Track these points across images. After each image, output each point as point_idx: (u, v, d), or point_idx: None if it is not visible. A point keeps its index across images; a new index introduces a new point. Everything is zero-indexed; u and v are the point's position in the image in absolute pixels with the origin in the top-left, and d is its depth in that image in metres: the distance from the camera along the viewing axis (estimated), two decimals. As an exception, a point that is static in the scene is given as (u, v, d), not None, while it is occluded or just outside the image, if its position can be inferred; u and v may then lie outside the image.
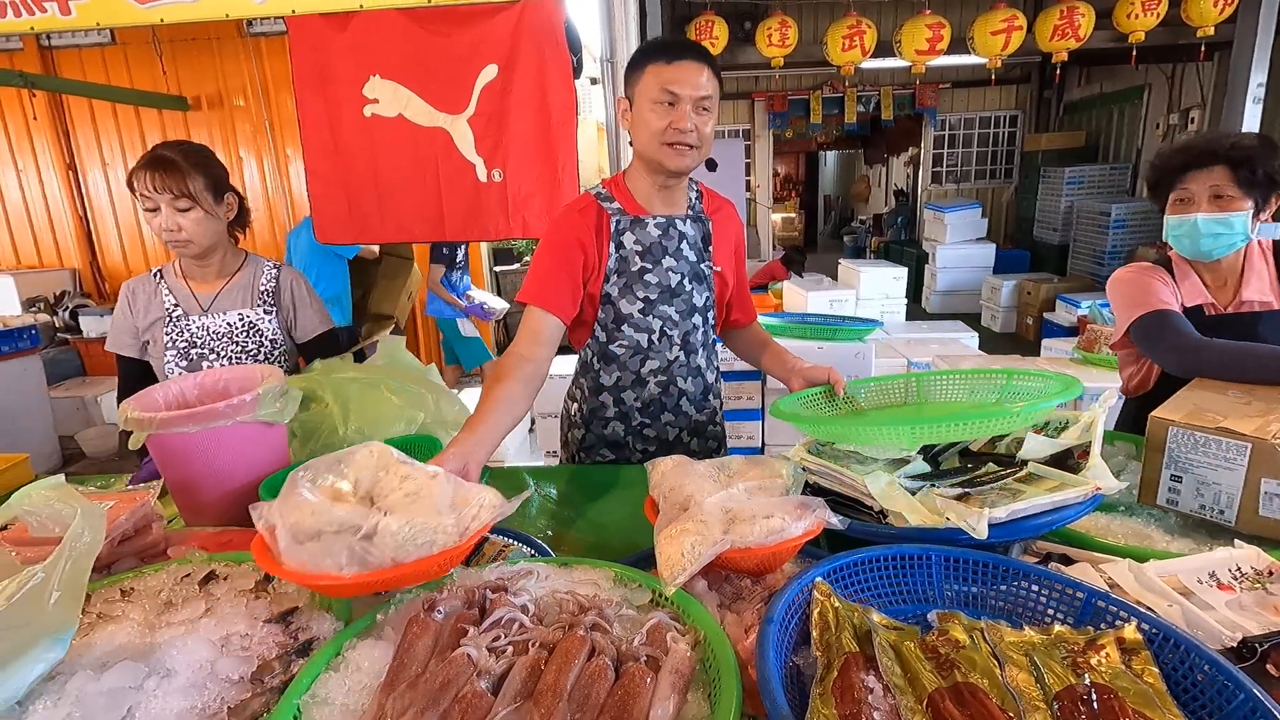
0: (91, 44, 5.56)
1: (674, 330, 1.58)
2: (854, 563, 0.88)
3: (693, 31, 5.40)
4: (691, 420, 1.67)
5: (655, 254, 1.53)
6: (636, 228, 1.52)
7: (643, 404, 1.63)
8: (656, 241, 1.53)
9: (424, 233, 2.76)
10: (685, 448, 1.67)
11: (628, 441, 1.66)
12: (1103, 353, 3.31)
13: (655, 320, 1.56)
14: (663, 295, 1.54)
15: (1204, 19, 4.51)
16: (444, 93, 2.59)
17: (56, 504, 0.96)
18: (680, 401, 1.64)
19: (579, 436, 1.68)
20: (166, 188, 1.61)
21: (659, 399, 1.63)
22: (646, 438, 1.66)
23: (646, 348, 1.58)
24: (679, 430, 1.67)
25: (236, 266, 1.82)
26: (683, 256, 1.55)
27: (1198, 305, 1.61)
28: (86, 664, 0.79)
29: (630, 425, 1.64)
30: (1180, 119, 6.58)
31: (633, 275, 1.52)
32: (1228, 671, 0.67)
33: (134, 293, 1.77)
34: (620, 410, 1.64)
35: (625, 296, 1.53)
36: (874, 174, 14.36)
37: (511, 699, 0.68)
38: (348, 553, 0.79)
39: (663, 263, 1.53)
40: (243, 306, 1.78)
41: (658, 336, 1.57)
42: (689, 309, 1.58)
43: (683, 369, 1.62)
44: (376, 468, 0.93)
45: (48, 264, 6.05)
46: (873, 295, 5.93)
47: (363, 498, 0.91)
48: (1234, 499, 1.08)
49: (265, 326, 1.78)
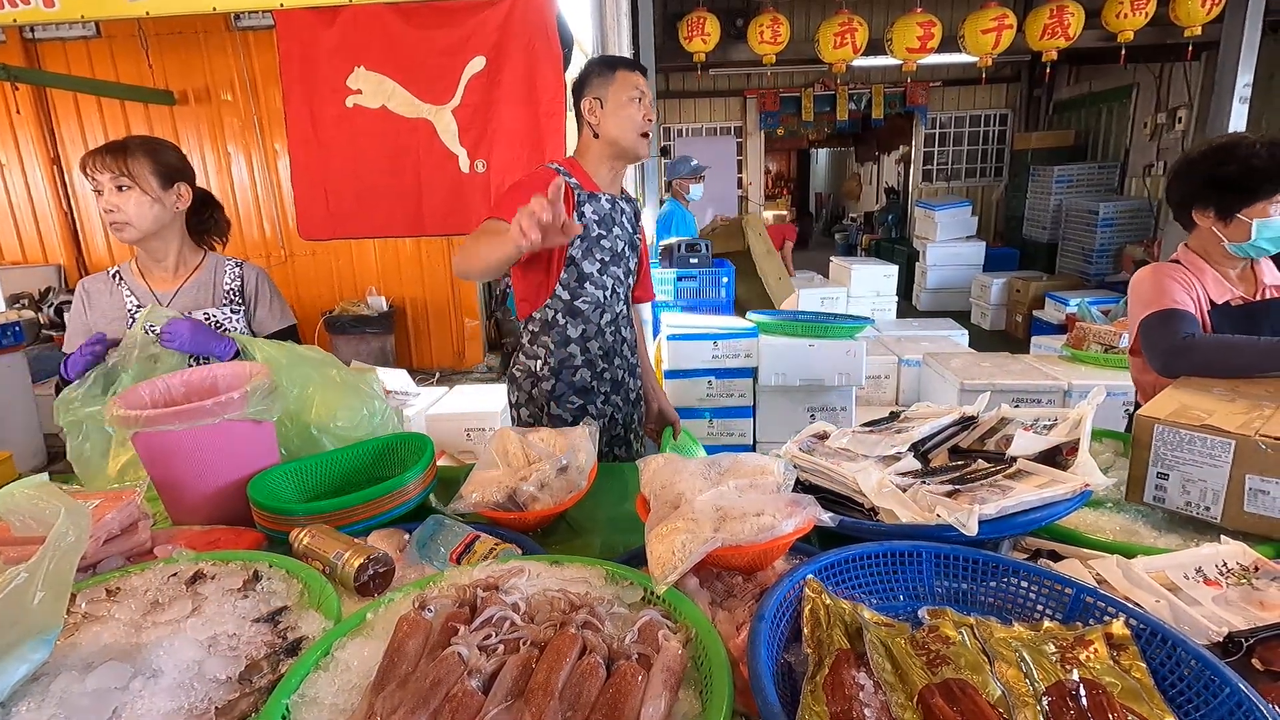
0: (76, 37, 5.49)
1: (620, 288, 1.90)
2: (845, 559, 0.88)
3: (684, 28, 5.39)
4: (628, 362, 1.99)
5: (607, 224, 1.82)
6: (593, 201, 1.79)
7: (604, 350, 1.90)
8: (608, 214, 1.82)
9: (403, 227, 2.73)
10: (627, 386, 1.98)
11: (593, 386, 1.90)
12: (1091, 350, 3.34)
13: (608, 279, 1.85)
14: (614, 259, 1.85)
15: (1191, 19, 4.55)
16: (429, 83, 2.56)
17: (40, 503, 0.95)
18: (623, 348, 1.95)
19: (548, 389, 1.88)
20: (107, 167, 1.61)
21: (613, 345, 1.91)
22: (604, 379, 1.92)
23: (604, 302, 1.86)
24: (623, 372, 1.96)
25: (195, 264, 1.79)
26: (624, 228, 1.89)
27: (1225, 301, 1.62)
28: (71, 665, 0.78)
29: (595, 370, 1.90)
30: (1168, 118, 6.64)
31: (593, 240, 1.80)
32: (1214, 666, 0.67)
33: (90, 292, 1.74)
34: (586, 357, 1.88)
35: (587, 258, 1.80)
36: (865, 172, 14.41)
37: (503, 698, 0.68)
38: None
39: (612, 231, 1.84)
40: (208, 305, 1.75)
41: (609, 293, 1.86)
42: (627, 271, 1.92)
43: (624, 320, 1.95)
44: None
45: (32, 260, 5.98)
46: (864, 293, 5.96)
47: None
48: (1219, 495, 1.09)
49: (231, 325, 1.76)
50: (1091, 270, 6.93)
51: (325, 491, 1.36)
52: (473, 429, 2.80)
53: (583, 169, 1.81)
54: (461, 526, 1.14)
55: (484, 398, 2.95)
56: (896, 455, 1.20)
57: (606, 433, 1.94)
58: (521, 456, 1.35)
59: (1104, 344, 3.33)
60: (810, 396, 3.21)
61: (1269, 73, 5.19)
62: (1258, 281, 1.65)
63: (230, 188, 5.88)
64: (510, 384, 1.97)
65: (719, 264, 3.98)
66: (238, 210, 5.94)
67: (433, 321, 6.23)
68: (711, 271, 3.89)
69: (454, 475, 1.48)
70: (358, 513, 1.18)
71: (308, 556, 1.04)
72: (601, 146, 1.78)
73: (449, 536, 1.11)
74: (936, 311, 7.49)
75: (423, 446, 1.36)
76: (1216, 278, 1.64)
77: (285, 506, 1.18)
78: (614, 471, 1.56)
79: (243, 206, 5.93)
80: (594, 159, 1.81)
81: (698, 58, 5.53)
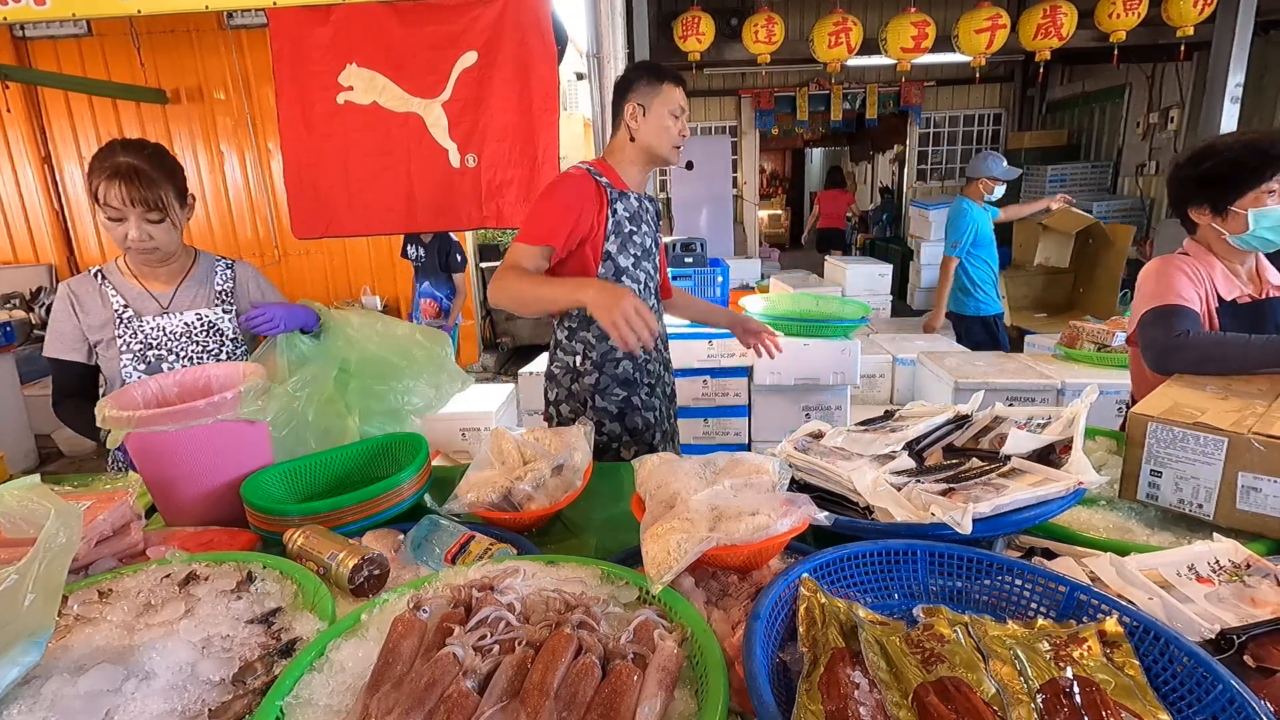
0: (67, 35, 5.45)
1: (651, 282, 1.96)
2: (840, 558, 0.89)
3: (679, 28, 5.39)
4: (663, 357, 2.06)
5: (637, 220, 1.88)
6: (623, 199, 1.85)
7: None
8: (636, 211, 1.88)
9: (393, 224, 2.72)
10: (663, 383, 2.04)
11: (635, 377, 1.93)
12: (1084, 349, 3.35)
13: (641, 273, 1.90)
14: (644, 254, 1.91)
15: (1183, 19, 4.57)
16: (419, 77, 2.54)
17: (31, 504, 0.94)
18: (658, 342, 2.00)
19: (590, 383, 1.90)
20: (140, 200, 1.54)
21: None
22: (648, 371, 1.96)
23: (639, 295, 1.87)
24: (659, 366, 2.01)
25: (190, 263, 1.76)
26: (651, 225, 1.96)
27: (1234, 299, 1.63)
28: (63, 667, 0.77)
29: (636, 362, 1.93)
30: (1160, 118, 6.67)
31: (626, 236, 1.85)
32: (1206, 663, 0.68)
33: (77, 294, 1.69)
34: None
35: (622, 253, 1.85)
36: (859, 171, 14.43)
37: (498, 698, 0.68)
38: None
39: (641, 228, 1.89)
40: (201, 306, 1.73)
41: (642, 287, 1.91)
42: (654, 267, 1.98)
43: (657, 313, 2.01)
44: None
45: (23, 259, 5.94)
46: (858, 292, 5.97)
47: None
48: (1212, 493, 1.10)
49: (225, 326, 1.74)
50: (1084, 269, 6.97)
51: (319, 492, 1.35)
52: (468, 429, 2.79)
53: (613, 168, 1.86)
54: (456, 527, 1.14)
55: (480, 398, 2.94)
56: (891, 454, 1.21)
57: (655, 428, 1.96)
58: (517, 456, 1.35)
59: (1097, 343, 3.34)
60: (805, 395, 3.21)
61: (1260, 73, 5.21)
62: (1263, 281, 1.67)
63: (223, 187, 5.85)
64: (549, 381, 1.99)
65: (714, 263, 3.98)
66: (231, 210, 5.91)
67: (427, 321, 6.22)
68: (708, 271, 3.89)
69: (449, 475, 1.48)
70: (352, 513, 1.18)
71: (302, 557, 1.03)
72: (637, 150, 1.84)
73: (444, 537, 1.11)
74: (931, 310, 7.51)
75: (417, 446, 1.36)
76: (1226, 273, 1.65)
77: (279, 507, 1.18)
78: (609, 471, 1.56)
79: (236, 206, 5.91)
80: (626, 159, 1.86)
81: (692, 57, 5.53)
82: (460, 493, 1.23)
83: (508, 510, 1.22)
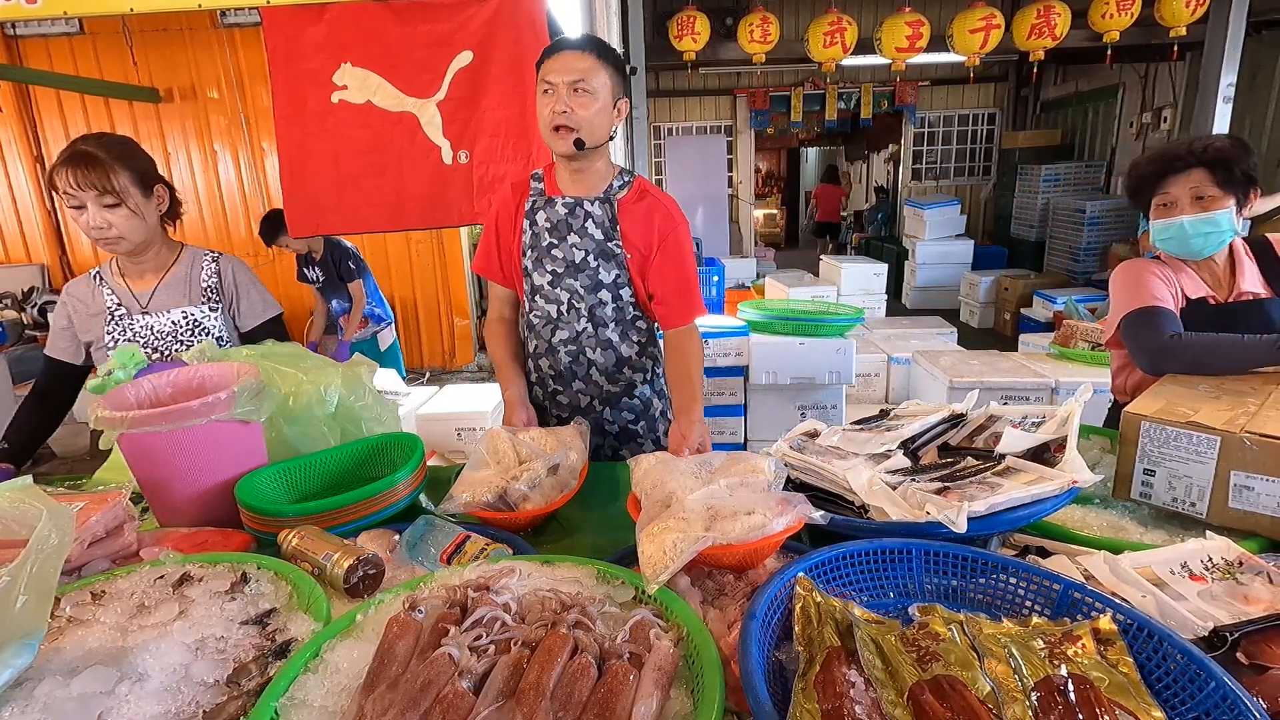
0: (59, 33, 5.42)
1: (580, 303, 1.66)
2: (835, 557, 0.89)
3: (674, 27, 5.39)
4: (604, 390, 1.75)
5: (561, 231, 1.63)
6: (548, 207, 1.63)
7: (555, 372, 1.74)
8: (563, 219, 1.62)
9: (384, 221, 2.71)
10: (599, 416, 1.77)
11: (545, 406, 1.78)
12: (1079, 348, 3.36)
13: (563, 293, 1.66)
14: (569, 270, 1.64)
15: (1176, 19, 4.60)
16: (414, 77, 2.54)
17: (23, 505, 0.94)
18: (590, 371, 1.73)
19: (540, 398, 1.80)
20: (91, 184, 1.53)
21: (570, 368, 1.73)
22: (560, 404, 1.77)
23: (556, 318, 1.69)
24: (589, 399, 1.75)
25: (172, 260, 1.75)
26: (588, 234, 1.63)
27: (1201, 298, 1.64)
28: (56, 669, 0.77)
29: (546, 390, 1.77)
30: (1153, 118, 6.70)
31: (543, 250, 1.64)
32: (1200, 660, 0.68)
33: (75, 295, 1.71)
34: (539, 376, 1.77)
35: (537, 269, 1.66)
36: (855, 171, 14.45)
37: (494, 698, 0.68)
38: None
39: (568, 239, 1.63)
40: (186, 304, 1.72)
41: (565, 308, 1.67)
42: (594, 284, 1.65)
43: (591, 340, 1.70)
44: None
45: (15, 259, 5.90)
46: (853, 291, 5.98)
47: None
48: (1205, 491, 1.10)
49: (211, 324, 1.73)
50: (1078, 268, 6.99)
51: (314, 492, 1.35)
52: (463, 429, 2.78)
53: (552, 170, 1.68)
54: (452, 527, 1.14)
55: (475, 397, 2.93)
56: (886, 453, 1.21)
57: (633, 440, 1.79)
58: (512, 456, 1.35)
59: (1091, 341, 3.36)
60: (801, 395, 3.22)
61: (1252, 73, 5.24)
62: (1235, 285, 1.65)
63: (217, 186, 5.82)
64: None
65: (710, 263, 3.98)
66: (224, 209, 5.88)
67: (423, 321, 6.19)
68: (703, 270, 3.89)
69: (444, 475, 1.47)
70: (347, 513, 1.17)
71: (297, 558, 1.03)
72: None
73: (439, 537, 1.11)
74: (925, 310, 7.52)
75: (413, 446, 1.36)
76: (1190, 274, 1.67)
77: (274, 508, 1.18)
78: (605, 471, 1.56)
79: (230, 205, 5.87)
80: (556, 160, 1.65)
81: (687, 56, 5.53)
82: (455, 493, 1.23)
83: (503, 510, 1.22)
